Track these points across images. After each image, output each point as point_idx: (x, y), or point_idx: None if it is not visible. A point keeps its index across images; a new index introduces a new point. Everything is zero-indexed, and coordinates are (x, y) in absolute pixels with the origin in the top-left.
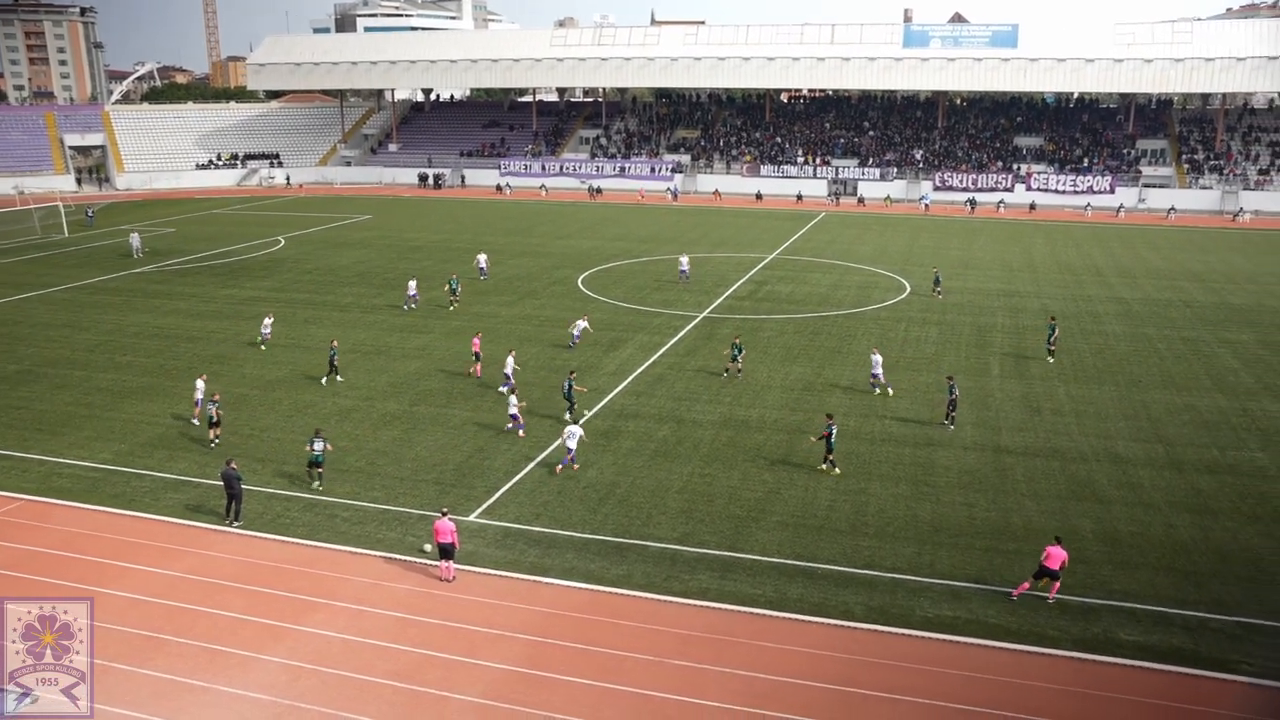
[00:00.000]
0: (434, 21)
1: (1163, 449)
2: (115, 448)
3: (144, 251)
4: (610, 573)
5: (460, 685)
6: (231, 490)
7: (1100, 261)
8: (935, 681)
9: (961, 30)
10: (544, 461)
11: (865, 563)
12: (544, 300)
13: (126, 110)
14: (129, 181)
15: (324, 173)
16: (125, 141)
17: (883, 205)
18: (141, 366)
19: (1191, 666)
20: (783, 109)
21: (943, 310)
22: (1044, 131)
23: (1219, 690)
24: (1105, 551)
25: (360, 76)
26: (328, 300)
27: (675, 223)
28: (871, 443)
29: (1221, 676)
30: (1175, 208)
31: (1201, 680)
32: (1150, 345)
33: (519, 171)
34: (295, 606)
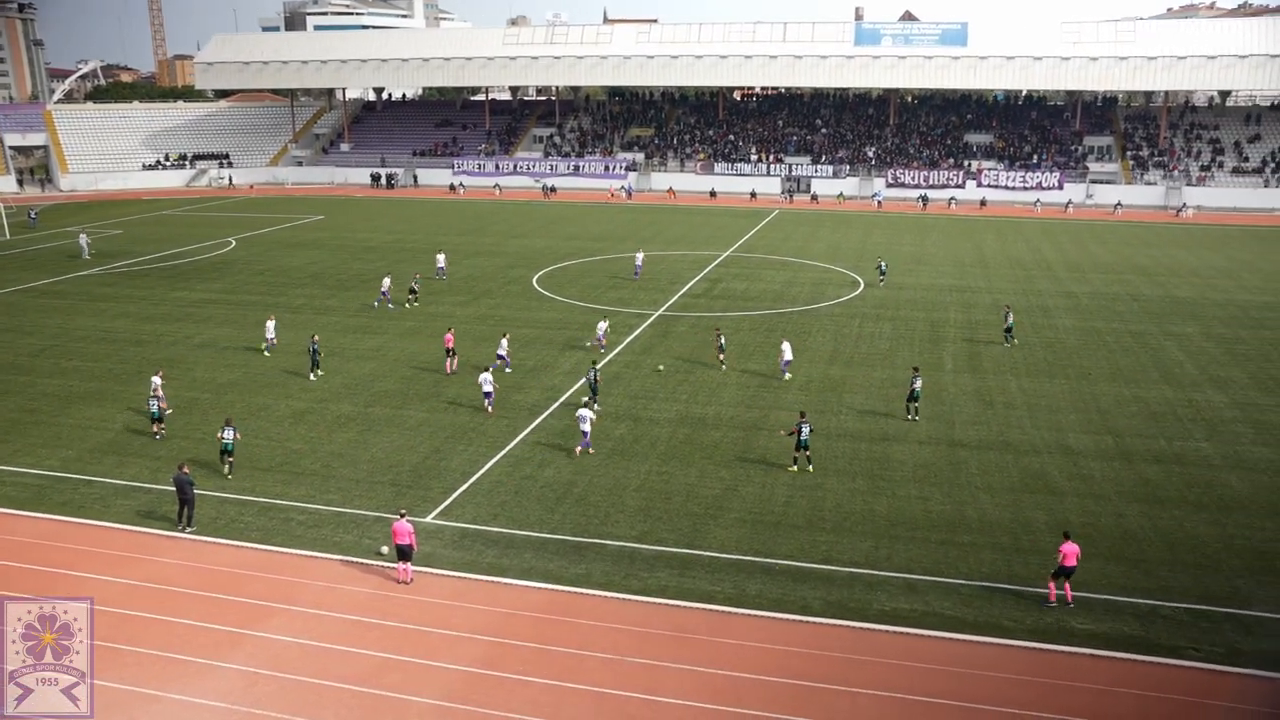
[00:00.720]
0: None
1: (1112, 440)
2: (62, 454)
3: (92, 252)
4: (569, 572)
5: (420, 688)
6: (184, 495)
7: (1050, 256)
8: (893, 674)
9: (912, 29)
10: (501, 461)
11: (823, 557)
12: (499, 300)
13: (70, 109)
14: (74, 182)
15: (275, 173)
16: (69, 142)
17: (836, 202)
18: (89, 371)
19: (1143, 653)
20: (736, 107)
21: (896, 306)
22: (994, 129)
23: (1170, 676)
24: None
25: (311, 75)
26: (280, 302)
27: (630, 221)
28: (827, 438)
29: (1171, 662)
30: (1121, 203)
31: (1153, 667)
32: (1099, 338)
33: (472, 171)
34: (251, 612)
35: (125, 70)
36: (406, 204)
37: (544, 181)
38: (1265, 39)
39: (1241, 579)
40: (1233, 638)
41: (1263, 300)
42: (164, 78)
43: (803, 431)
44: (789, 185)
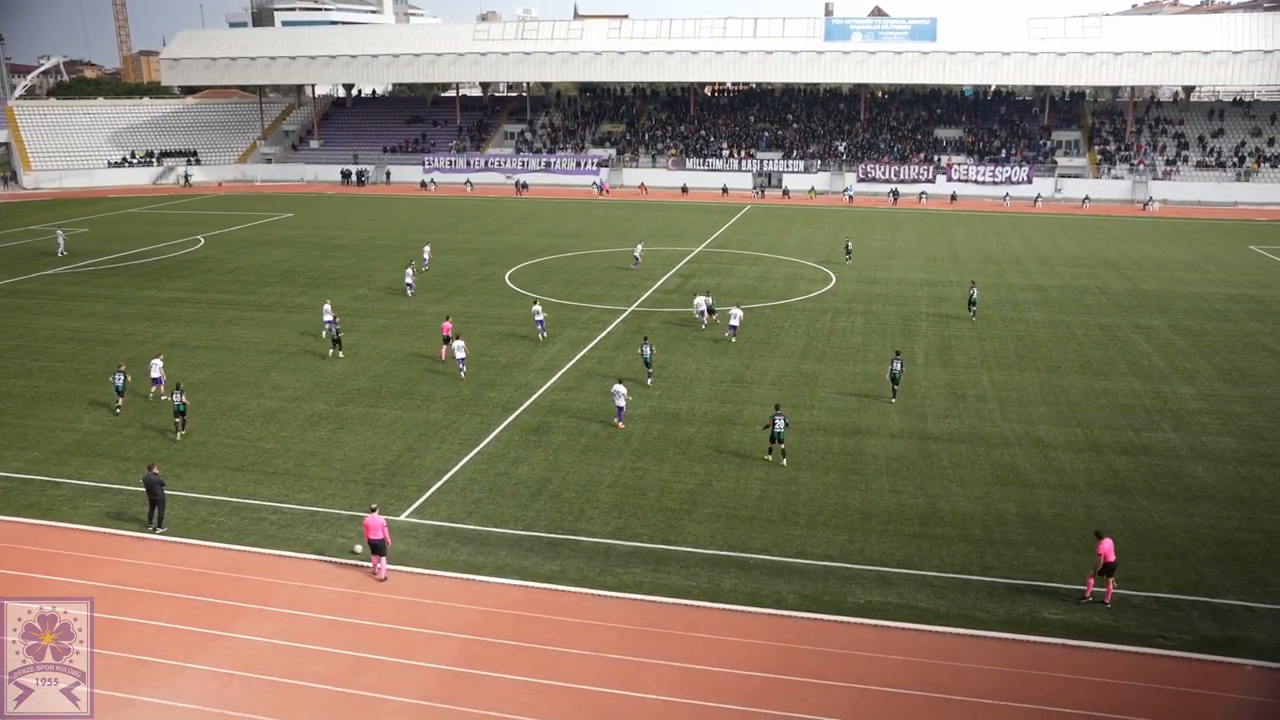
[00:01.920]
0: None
1: (1082, 432)
2: (28, 455)
3: (65, 251)
4: (544, 569)
5: (395, 687)
6: (154, 496)
7: (1020, 250)
8: (869, 666)
9: (882, 24)
10: (474, 458)
11: (797, 551)
12: (471, 297)
13: (32, 106)
14: (37, 180)
15: (244, 170)
16: (31, 139)
17: (807, 197)
18: (55, 371)
19: (1113, 643)
20: (707, 103)
21: (868, 300)
22: (963, 124)
23: (1140, 665)
24: (1029, 533)
25: (279, 72)
26: (250, 300)
27: (602, 217)
28: (800, 432)
29: (1141, 651)
30: (1089, 197)
31: (1123, 655)
32: (1069, 331)
33: (443, 167)
34: (223, 613)
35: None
36: (377, 201)
37: (516, 178)
38: (1228, 35)
39: (1208, 567)
40: (1200, 626)
41: (1226, 293)
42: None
43: (776, 424)
44: (760, 180)
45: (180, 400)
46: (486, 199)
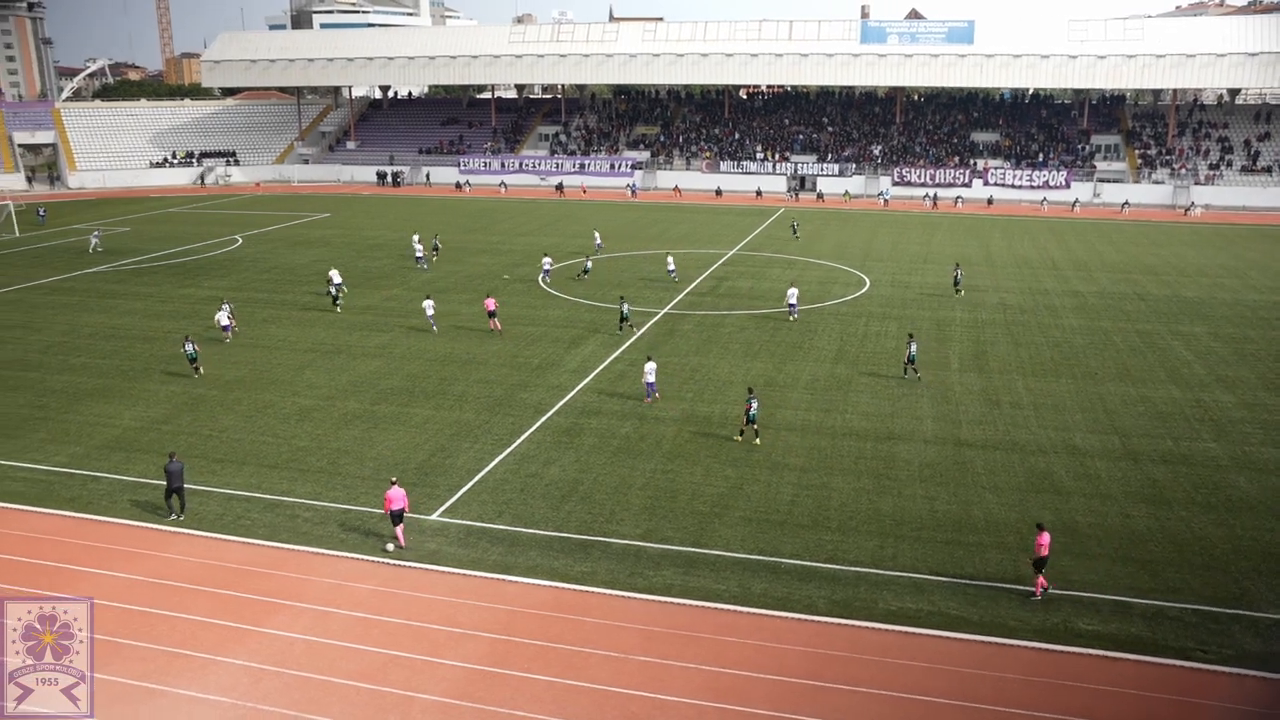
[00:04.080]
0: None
1: (1119, 440)
2: (70, 450)
3: (100, 249)
4: (574, 570)
5: (424, 685)
6: (174, 484)
7: (1056, 255)
8: (899, 673)
9: (918, 27)
10: (506, 459)
11: (828, 557)
12: (504, 297)
13: (78, 108)
14: (82, 180)
15: (281, 170)
16: (77, 139)
17: (841, 201)
18: (97, 368)
19: (1150, 655)
20: (741, 105)
21: (902, 305)
22: (1000, 127)
23: (1177, 678)
24: (1064, 542)
25: (317, 73)
26: (286, 299)
27: (636, 219)
28: (833, 437)
29: (1179, 664)
30: (1129, 202)
31: (1159, 668)
32: (1106, 338)
33: (478, 169)
34: (257, 608)
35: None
36: (413, 202)
37: (553, 179)
38: (1275, 37)
39: (1250, 580)
40: (1241, 639)
41: (1271, 300)
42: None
43: (752, 406)
44: (794, 184)
45: (193, 349)
46: (521, 200)
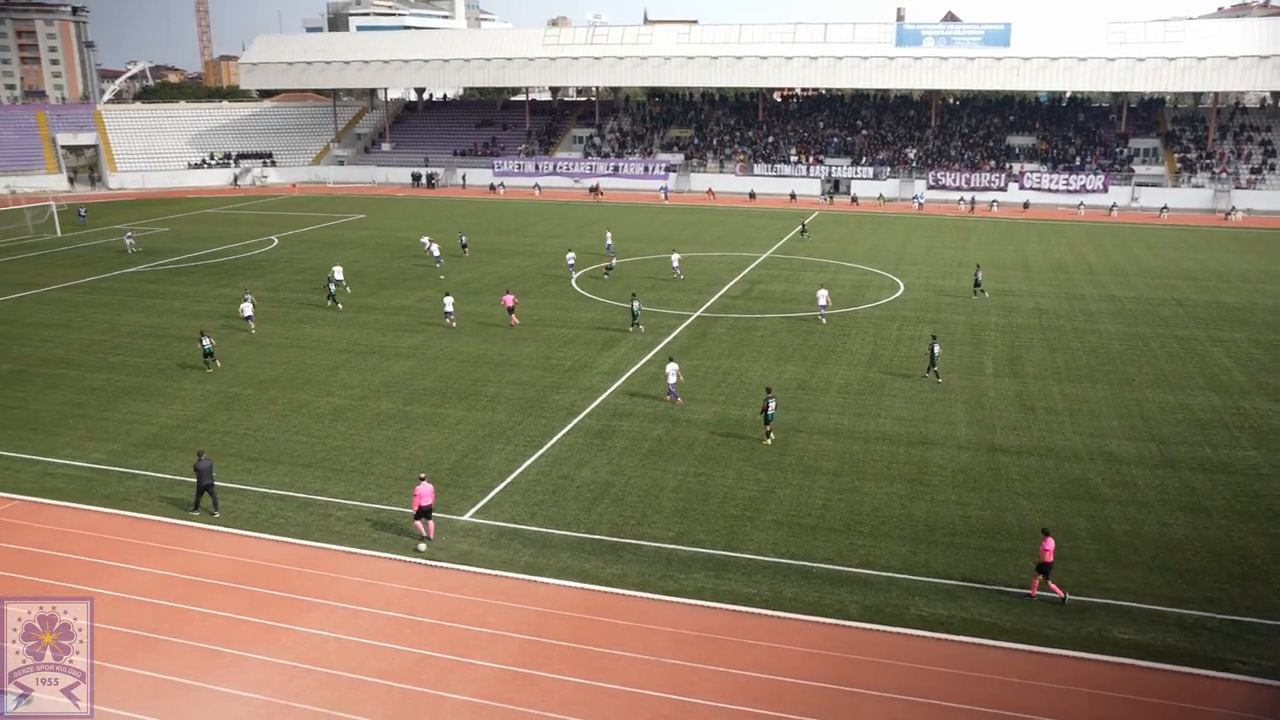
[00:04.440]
0: (427, 21)
1: (1156, 447)
2: (109, 447)
3: (137, 249)
4: (605, 572)
5: (455, 685)
6: (204, 481)
7: (1093, 260)
8: (930, 680)
9: (954, 29)
10: (538, 460)
11: (860, 561)
12: (538, 300)
13: (119, 109)
14: (122, 181)
15: (317, 172)
16: (118, 141)
17: (876, 204)
18: (135, 366)
19: (1187, 665)
20: (776, 108)
21: (936, 309)
22: (1037, 130)
23: (1215, 689)
24: (1099, 550)
25: (353, 76)
26: (321, 299)
27: (669, 222)
28: (866, 441)
29: (1217, 675)
30: (1168, 206)
31: (1197, 679)
32: (1144, 344)
33: (512, 171)
34: (290, 606)
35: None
36: (447, 204)
37: (589, 182)
38: None
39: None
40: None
41: None
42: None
43: (769, 406)
44: (828, 187)
45: (210, 344)
46: (555, 203)
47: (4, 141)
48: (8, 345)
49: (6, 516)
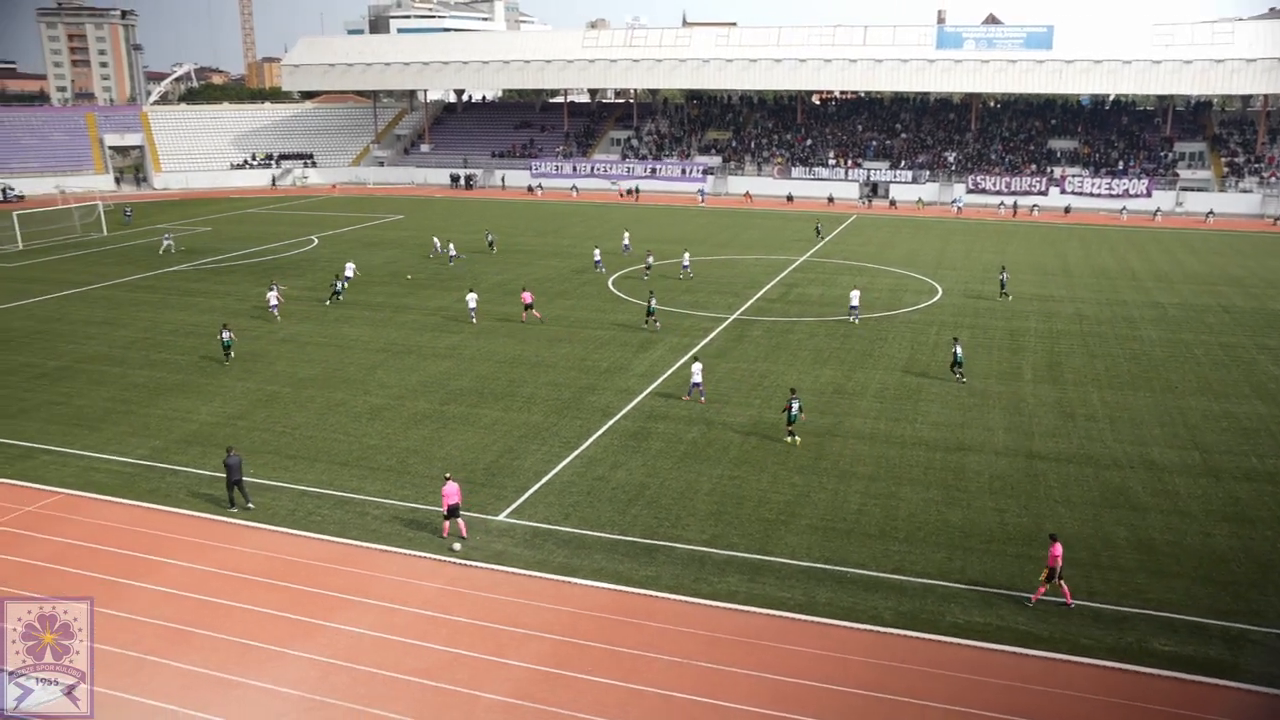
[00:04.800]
0: (466, 23)
1: (1199, 456)
2: (151, 444)
3: (180, 249)
4: (639, 574)
5: (488, 684)
6: (233, 477)
7: (1136, 266)
8: (965, 688)
9: (996, 32)
10: (573, 462)
11: (895, 567)
12: (575, 301)
13: (164, 111)
14: (166, 181)
15: (357, 173)
16: (163, 141)
17: (914, 208)
18: (176, 364)
19: (1230, 679)
20: (814, 111)
21: (975, 314)
22: (1079, 134)
23: (1259, 703)
24: (1140, 559)
25: (393, 77)
26: (360, 299)
27: (706, 224)
28: (902, 447)
29: (1261, 689)
30: (1214, 211)
31: (1240, 693)
32: (1187, 351)
33: (550, 172)
34: (326, 603)
35: (216, 72)
36: (485, 205)
37: (625, 184)
38: None
39: None
40: None
41: None
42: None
43: (792, 408)
44: (867, 190)
45: (230, 337)
46: (592, 204)
47: (54, 143)
48: (54, 342)
49: (51, 510)
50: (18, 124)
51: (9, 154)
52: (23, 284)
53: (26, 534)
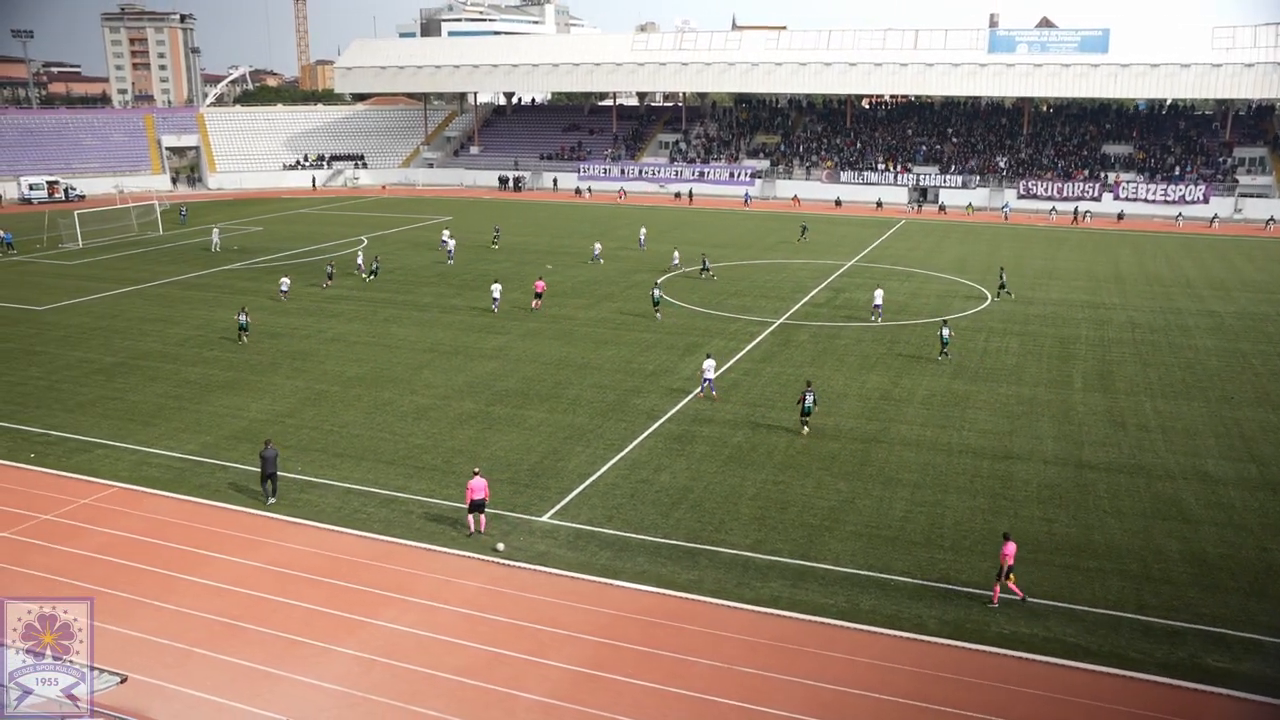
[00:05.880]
0: (517, 26)
1: (1256, 469)
2: (202, 439)
3: (220, 248)
4: (681, 577)
5: (528, 684)
6: (268, 469)
7: (1191, 273)
8: (1010, 700)
9: (1049, 35)
10: (618, 464)
11: (940, 576)
12: (621, 303)
13: (220, 112)
14: (220, 181)
15: (406, 174)
16: (218, 143)
17: (964, 213)
18: (228, 361)
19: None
20: (864, 115)
21: (1024, 321)
22: (1134, 139)
23: None
24: (1192, 573)
25: (444, 80)
26: (408, 300)
27: (753, 228)
28: (949, 454)
29: None
30: (1275, 218)
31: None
32: (1244, 361)
33: (598, 175)
34: (369, 600)
35: (271, 75)
36: (532, 207)
37: (671, 187)
38: None
39: None
40: None
41: None
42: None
43: (806, 399)
44: (916, 195)
45: (244, 319)
46: (639, 207)
47: (114, 143)
48: (110, 338)
49: (106, 503)
50: (80, 126)
51: (71, 155)
52: (82, 281)
53: (82, 525)
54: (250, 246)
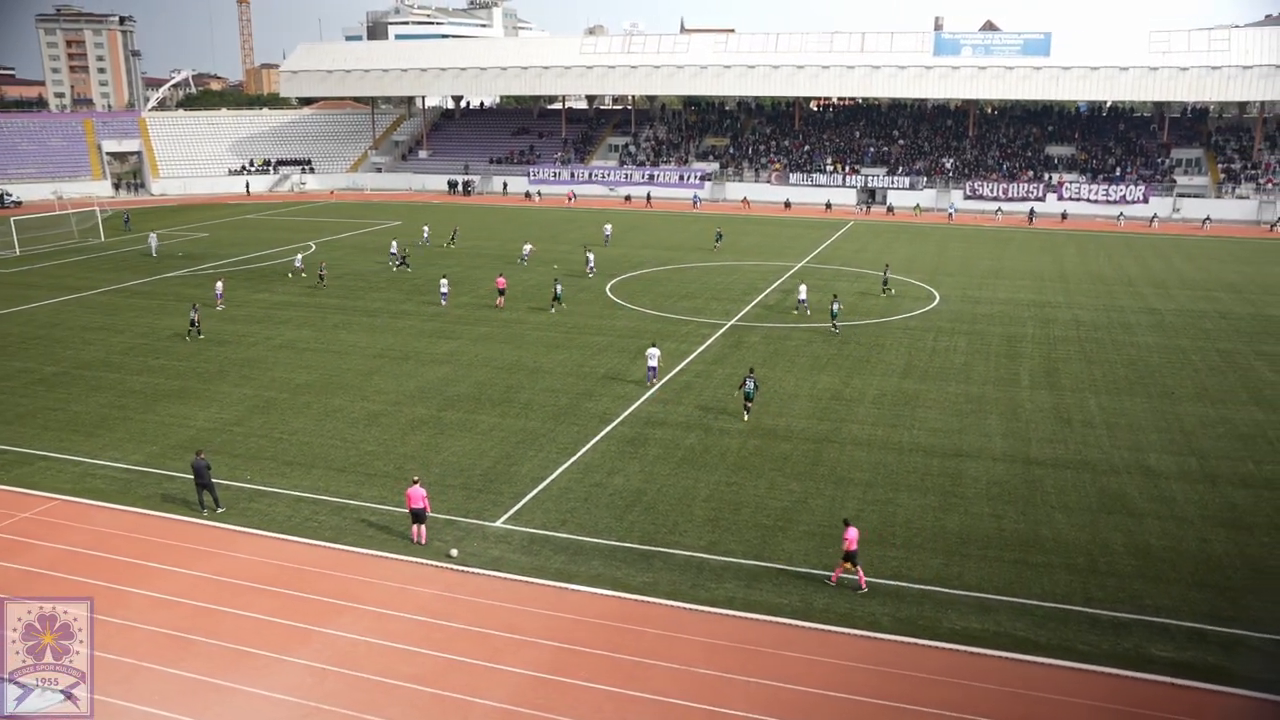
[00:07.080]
0: (465, 30)
1: (1196, 462)
2: (148, 450)
3: (158, 254)
4: (636, 580)
5: (484, 690)
6: (201, 480)
7: (1133, 272)
8: (963, 694)
9: (993, 39)
10: (570, 468)
11: (892, 573)
12: (571, 307)
13: (162, 117)
14: (164, 187)
15: (355, 179)
16: (161, 148)
17: (912, 214)
18: (174, 369)
19: (1228, 685)
20: (812, 117)
21: (972, 320)
22: (1076, 141)
23: (1257, 710)
24: (1137, 565)
25: (391, 84)
26: (357, 305)
27: (703, 231)
28: (900, 453)
29: (1259, 695)
30: (1210, 218)
31: (1238, 699)
32: (1184, 357)
33: (548, 179)
34: (321, 609)
35: (215, 79)
36: (483, 211)
37: (621, 190)
38: None
39: None
40: None
41: None
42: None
43: (747, 384)
44: (864, 196)
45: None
46: (589, 210)
47: (52, 148)
48: (52, 347)
49: (48, 516)
50: (15, 130)
51: (6, 160)
52: (20, 289)
53: (23, 540)
54: (195, 252)
